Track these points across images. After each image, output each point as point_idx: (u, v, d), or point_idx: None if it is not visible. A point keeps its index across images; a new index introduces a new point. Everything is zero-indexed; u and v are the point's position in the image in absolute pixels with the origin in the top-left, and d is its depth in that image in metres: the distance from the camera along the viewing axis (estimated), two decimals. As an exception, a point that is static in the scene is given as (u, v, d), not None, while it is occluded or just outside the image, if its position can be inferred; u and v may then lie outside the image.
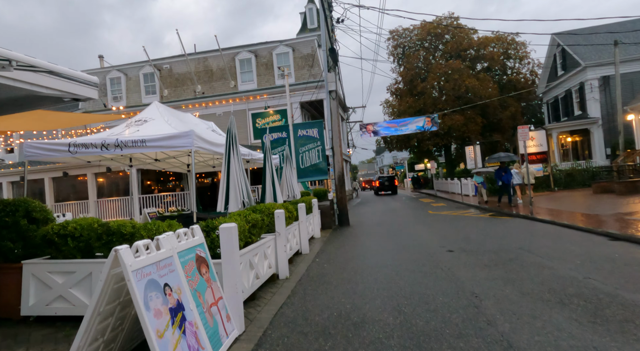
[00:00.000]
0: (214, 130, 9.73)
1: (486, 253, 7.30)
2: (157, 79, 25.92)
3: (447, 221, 13.08)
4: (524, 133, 12.03)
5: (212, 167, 12.82)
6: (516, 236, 9.07)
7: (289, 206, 8.14)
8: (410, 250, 8.34)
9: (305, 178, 14.55)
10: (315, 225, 11.49)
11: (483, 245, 8.28)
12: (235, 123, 6.32)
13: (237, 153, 6.23)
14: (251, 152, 10.02)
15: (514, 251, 7.36)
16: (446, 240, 9.18)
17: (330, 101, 13.82)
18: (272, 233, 6.56)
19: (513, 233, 9.44)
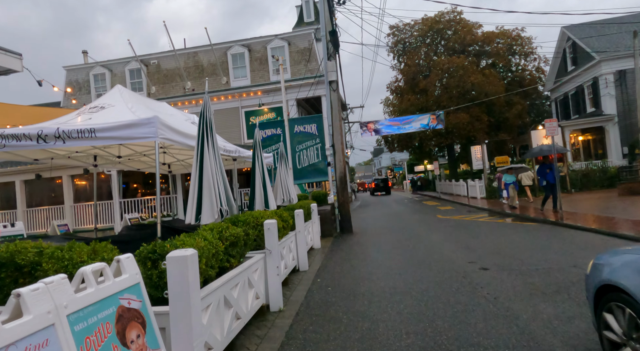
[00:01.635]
0: (194, 122, 8.17)
1: (535, 273, 5.77)
2: (144, 75, 24.33)
3: (463, 227, 11.56)
4: (552, 127, 10.56)
5: None
6: (558, 248, 7.55)
7: (283, 213, 6.59)
8: (432, 266, 6.80)
9: (302, 179, 13.01)
10: (314, 234, 9.95)
11: (522, 260, 6.75)
12: (210, 104, 4.77)
13: (214, 147, 4.69)
14: (239, 148, 8.47)
15: (569, 270, 5.83)
16: (473, 253, 7.65)
17: (330, 92, 12.31)
18: (261, 250, 5.02)
19: (553, 244, 7.92)
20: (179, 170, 11.37)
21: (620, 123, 21.77)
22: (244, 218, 4.56)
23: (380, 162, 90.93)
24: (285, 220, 6.51)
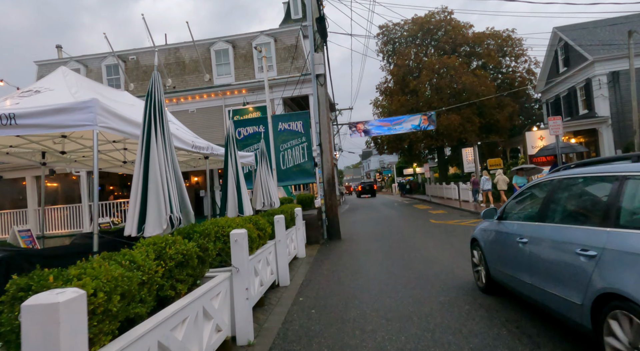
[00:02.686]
0: (159, 114, 7.12)
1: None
2: (121, 72, 23.04)
3: (461, 234, 10.70)
4: (556, 125, 9.79)
5: (194, 167, 10.17)
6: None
7: (259, 220, 5.59)
8: (434, 282, 5.87)
9: (287, 181, 12.01)
10: (299, 241, 8.95)
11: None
12: (160, 82, 3.75)
13: (165, 137, 3.67)
14: (212, 145, 7.43)
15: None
16: None
17: (317, 87, 11.35)
18: (226, 267, 4.01)
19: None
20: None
21: (613, 126, 21.33)
22: (201, 229, 3.54)
23: (369, 164, 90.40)
24: (262, 228, 5.51)
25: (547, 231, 3.64)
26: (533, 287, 3.74)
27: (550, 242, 3.53)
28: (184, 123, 22.68)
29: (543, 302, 3.62)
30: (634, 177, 2.84)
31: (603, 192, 3.13)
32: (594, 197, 3.39)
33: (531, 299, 3.89)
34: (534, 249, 3.75)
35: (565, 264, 3.22)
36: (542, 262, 3.61)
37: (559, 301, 3.30)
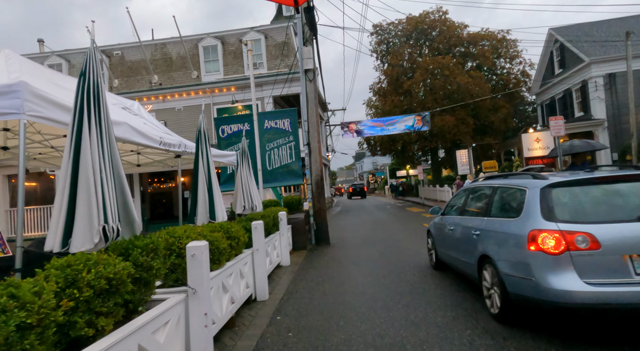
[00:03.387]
0: (126, 107, 6.38)
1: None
2: (105, 68, 22.16)
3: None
4: (558, 126, 9.23)
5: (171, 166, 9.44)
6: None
7: (233, 227, 4.90)
8: (431, 299, 5.22)
9: (273, 183, 11.32)
10: (282, 248, 8.27)
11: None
12: (96, 59, 3.03)
13: (103, 128, 2.97)
14: (184, 141, 6.72)
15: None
16: None
17: (306, 83, 10.69)
18: (181, 287, 3.32)
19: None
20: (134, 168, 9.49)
21: (610, 129, 20.97)
22: (144, 243, 2.83)
23: (362, 166, 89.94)
24: (234, 237, 4.82)
25: (461, 221, 5.47)
26: (457, 259, 5.52)
27: (462, 228, 5.34)
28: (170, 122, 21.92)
29: (460, 268, 5.42)
30: (499, 187, 4.78)
31: (487, 196, 5.04)
32: (483, 199, 5.17)
33: (454, 266, 5.81)
34: (455, 234, 5.55)
35: (467, 241, 4.98)
36: (459, 241, 5.41)
37: (466, 265, 5.11)
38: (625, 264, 3.31)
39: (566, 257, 3.41)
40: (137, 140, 4.93)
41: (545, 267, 3.50)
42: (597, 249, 3.35)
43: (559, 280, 3.39)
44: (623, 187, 3.77)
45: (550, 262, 3.47)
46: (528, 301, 3.68)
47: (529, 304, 3.71)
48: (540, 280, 3.50)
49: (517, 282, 3.79)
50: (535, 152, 17.75)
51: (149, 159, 8.25)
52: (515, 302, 3.86)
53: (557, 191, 3.84)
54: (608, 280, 3.30)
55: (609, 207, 3.68)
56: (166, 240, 3.45)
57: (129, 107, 6.88)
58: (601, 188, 3.82)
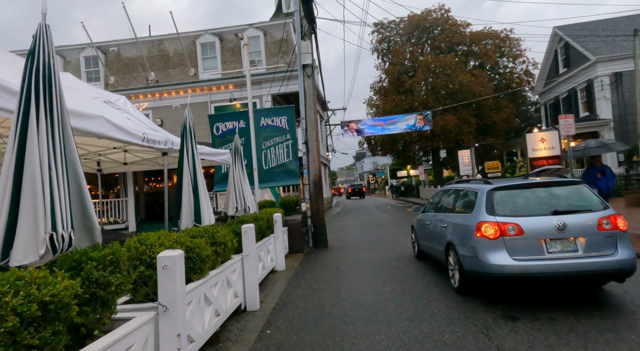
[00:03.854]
0: (109, 101, 5.94)
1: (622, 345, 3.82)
2: (101, 64, 21.75)
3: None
4: (568, 124, 8.79)
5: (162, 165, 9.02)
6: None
7: (218, 232, 4.46)
8: (435, 311, 4.78)
9: (269, 183, 10.88)
10: (277, 252, 7.83)
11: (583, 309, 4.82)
12: (49, 35, 2.60)
13: (55, 119, 2.53)
14: (171, 137, 6.27)
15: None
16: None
17: (304, 79, 10.24)
18: (151, 303, 2.88)
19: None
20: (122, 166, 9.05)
21: (616, 129, 20.52)
22: (101, 254, 2.38)
23: (362, 166, 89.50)
24: (220, 242, 4.38)
25: (435, 217, 6.59)
26: (431, 248, 6.65)
27: (435, 222, 6.43)
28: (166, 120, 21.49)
29: (434, 255, 6.60)
30: (462, 189, 5.98)
31: (453, 197, 6.27)
32: (450, 198, 6.35)
33: (430, 254, 6.98)
34: (431, 227, 6.66)
35: (438, 232, 6.10)
36: (433, 233, 6.49)
37: (437, 252, 6.23)
38: (540, 246, 4.55)
39: (500, 241, 4.66)
40: (114, 136, 4.49)
41: (486, 249, 4.70)
42: (521, 235, 4.59)
43: (496, 257, 4.61)
44: (542, 191, 5.07)
45: (489, 244, 4.70)
46: (477, 274, 4.85)
47: (478, 277, 4.86)
48: (483, 258, 4.69)
49: (469, 261, 4.97)
50: (540, 153, 17.26)
51: (137, 157, 7.81)
52: (469, 277, 5.05)
53: (498, 193, 5.07)
54: (528, 257, 4.53)
55: (531, 205, 4.90)
56: (135, 248, 3.01)
57: (113, 101, 6.45)
58: (527, 191, 5.08)
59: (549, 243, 4.53)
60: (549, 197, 4.95)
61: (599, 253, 4.47)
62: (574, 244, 4.53)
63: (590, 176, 8.52)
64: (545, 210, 4.72)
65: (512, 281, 4.55)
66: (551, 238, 4.52)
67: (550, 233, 4.52)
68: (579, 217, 4.64)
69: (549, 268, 4.40)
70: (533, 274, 4.43)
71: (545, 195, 4.98)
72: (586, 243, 4.51)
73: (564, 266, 4.38)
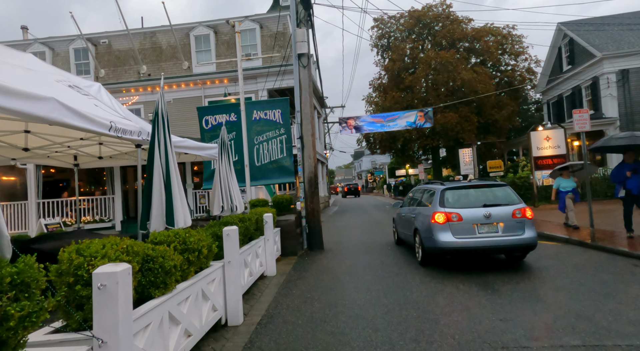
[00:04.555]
0: (73, 85, 5.25)
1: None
2: (91, 57, 20.98)
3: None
4: (583, 120, 8.13)
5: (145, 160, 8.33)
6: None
7: (191, 237, 3.79)
8: (446, 335, 4.13)
9: (262, 180, 10.21)
10: (267, 256, 7.16)
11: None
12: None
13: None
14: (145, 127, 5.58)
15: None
16: (513, 310, 5.04)
17: (299, 69, 9.56)
18: (85, 332, 2.20)
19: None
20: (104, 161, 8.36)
21: (622, 128, 19.90)
22: (10, 272, 1.71)
23: (360, 165, 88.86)
24: (194, 249, 3.71)
25: (408, 210, 8.23)
26: (405, 234, 8.46)
27: (408, 214, 8.10)
28: (159, 115, 20.62)
29: (407, 239, 8.32)
30: (426, 189, 7.89)
31: (420, 194, 8.05)
32: (419, 196, 8.10)
33: (404, 239, 8.72)
34: (405, 218, 8.34)
35: (409, 222, 7.84)
36: (406, 222, 8.17)
37: (408, 236, 8.02)
38: (473, 228, 6.33)
39: (447, 225, 6.38)
40: (70, 122, 3.80)
41: (438, 231, 6.42)
42: (461, 221, 6.36)
43: (444, 236, 6.35)
44: (477, 190, 6.92)
45: (440, 227, 6.41)
46: (432, 249, 6.62)
47: (432, 251, 6.65)
48: (436, 237, 6.42)
49: (427, 240, 6.70)
50: (544, 151, 16.63)
51: (114, 151, 7.12)
52: (428, 252, 6.81)
53: (447, 192, 6.86)
54: (465, 236, 6.31)
55: (469, 200, 6.69)
56: (70, 261, 2.34)
57: (83, 86, 5.75)
58: (467, 190, 6.91)
59: (479, 227, 6.39)
60: (481, 195, 6.85)
61: (512, 234, 6.35)
62: (496, 227, 6.39)
63: (619, 175, 7.85)
64: (478, 204, 6.59)
65: (454, 253, 6.52)
66: (481, 223, 6.39)
67: (480, 219, 6.38)
68: (500, 208, 6.48)
69: (479, 244, 6.29)
70: (468, 248, 6.31)
71: (479, 193, 6.89)
72: (504, 227, 6.38)
73: (488, 242, 6.29)
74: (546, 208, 15.51)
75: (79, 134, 5.56)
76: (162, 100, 4.37)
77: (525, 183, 17.64)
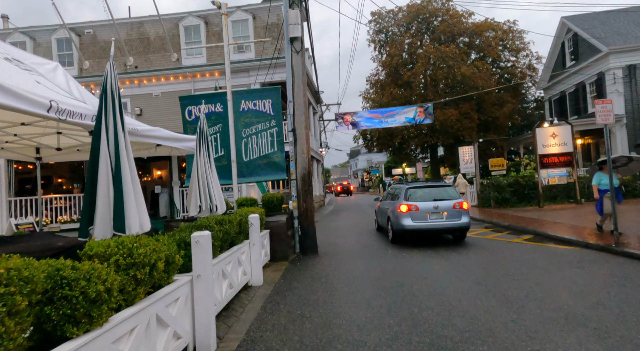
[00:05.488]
0: (13, 59, 4.33)
1: None
2: (75, 47, 19.90)
3: (485, 254, 8.17)
4: (606, 110, 7.32)
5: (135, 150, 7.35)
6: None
7: (142, 247, 2.88)
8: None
9: (250, 177, 9.28)
10: (253, 263, 6.27)
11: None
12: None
13: None
14: (90, 104, 4.65)
15: None
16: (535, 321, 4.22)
17: (292, 55, 8.66)
18: None
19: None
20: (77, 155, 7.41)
21: (629, 125, 19.20)
22: None
23: (356, 163, 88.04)
24: (143, 264, 2.81)
25: (384, 204, 10.95)
26: (382, 221, 11.09)
27: (384, 206, 10.77)
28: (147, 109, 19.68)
29: (383, 225, 11.04)
30: (397, 187, 10.87)
31: (392, 192, 10.96)
32: (392, 192, 10.92)
33: (381, 226, 11.55)
34: (382, 209, 10.96)
35: (385, 212, 10.44)
36: (383, 213, 10.71)
37: (384, 223, 10.73)
38: (426, 216, 8.90)
39: (408, 213, 8.95)
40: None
41: (402, 217, 8.98)
42: (417, 210, 8.91)
43: (406, 221, 8.91)
44: (430, 189, 9.57)
45: (403, 215, 8.97)
46: (398, 231, 9.21)
47: (398, 232, 9.24)
48: (401, 222, 8.98)
49: (395, 224, 9.23)
50: (550, 149, 15.84)
51: (76, 141, 6.18)
52: (396, 233, 9.36)
53: (409, 190, 9.50)
54: (420, 221, 8.90)
55: (424, 196, 9.26)
56: None
57: (33, 63, 4.83)
58: (423, 189, 9.60)
59: (430, 215, 8.90)
60: (433, 192, 9.37)
61: (453, 220, 8.88)
62: (442, 215, 8.91)
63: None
64: (430, 199, 9.14)
65: (413, 233, 9.15)
66: (431, 212, 8.90)
67: (431, 209, 8.91)
68: (445, 202, 9.01)
69: (429, 226, 8.90)
70: (422, 229, 8.94)
71: (431, 191, 9.44)
72: (447, 215, 8.90)
73: (436, 225, 8.89)
74: (552, 209, 14.73)
75: (17, 118, 4.62)
76: (112, 71, 3.46)
77: (529, 182, 16.86)
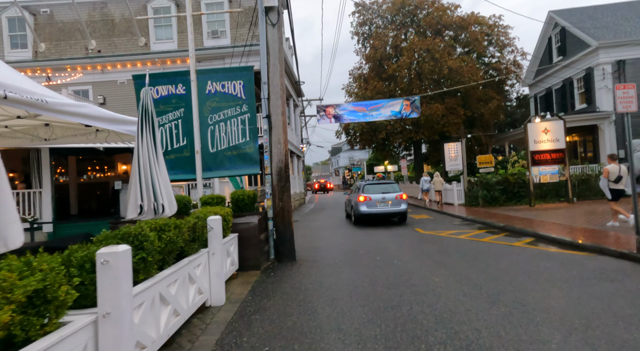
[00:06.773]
0: None
1: None
2: (29, 28, 17.90)
3: (479, 258, 7.12)
4: (628, 97, 6.38)
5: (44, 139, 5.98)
6: None
7: None
8: None
9: (217, 171, 7.96)
10: (212, 277, 4.99)
11: None
12: None
13: None
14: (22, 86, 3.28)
15: None
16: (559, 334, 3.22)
17: (267, 28, 7.39)
18: None
19: None
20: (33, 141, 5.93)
21: (617, 122, 18.71)
22: None
23: (338, 161, 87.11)
24: None
25: (351, 196, 14.78)
26: (349, 209, 15.13)
27: (350, 198, 14.88)
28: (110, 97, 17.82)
29: (349, 212, 15.07)
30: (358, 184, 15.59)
31: (356, 187, 15.81)
32: (357, 187, 15.40)
33: (348, 213, 15.56)
34: (350, 201, 14.73)
35: (350, 202, 14.57)
36: (350, 203, 14.68)
37: (350, 210, 14.74)
38: (376, 204, 12.85)
39: (364, 203, 12.84)
40: None
41: (360, 205, 12.89)
42: (370, 200, 12.85)
43: (362, 208, 12.86)
44: (380, 185, 13.86)
45: (361, 204, 12.88)
46: (357, 215, 13.15)
47: (357, 216, 13.18)
48: (359, 208, 12.92)
49: (356, 210, 13.18)
50: (542, 145, 15.09)
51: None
52: (356, 217, 13.34)
53: (366, 185, 13.69)
54: (372, 208, 12.83)
55: (375, 190, 13.29)
56: None
57: None
58: (375, 185, 13.85)
59: (379, 203, 12.75)
60: (382, 187, 13.38)
61: (396, 207, 12.77)
62: (388, 204, 12.76)
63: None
64: (379, 192, 12.99)
65: (367, 217, 12.94)
66: (379, 201, 12.75)
67: (380, 199, 12.76)
68: (390, 194, 12.88)
69: (379, 212, 12.79)
70: (374, 214, 12.81)
71: (381, 186, 13.51)
72: (391, 203, 12.77)
73: (384, 211, 12.81)
74: (545, 208, 13.97)
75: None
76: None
77: (519, 180, 16.10)
